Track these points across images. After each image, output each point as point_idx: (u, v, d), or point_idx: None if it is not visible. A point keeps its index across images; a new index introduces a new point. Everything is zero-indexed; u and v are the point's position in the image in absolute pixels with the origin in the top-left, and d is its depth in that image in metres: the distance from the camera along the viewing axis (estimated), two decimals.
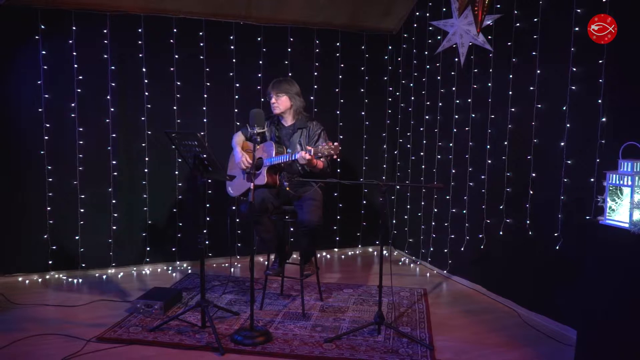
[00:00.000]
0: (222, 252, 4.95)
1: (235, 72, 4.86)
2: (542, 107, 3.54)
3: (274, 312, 3.70)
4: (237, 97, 4.89)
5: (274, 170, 3.68)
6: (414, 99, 5.07)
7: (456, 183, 4.46)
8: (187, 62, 4.72)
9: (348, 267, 5.02)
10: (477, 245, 4.18)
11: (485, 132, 4.07)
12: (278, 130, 3.82)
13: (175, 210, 4.81)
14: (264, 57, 4.94)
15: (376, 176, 5.46)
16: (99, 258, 4.64)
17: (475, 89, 4.19)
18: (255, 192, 3.53)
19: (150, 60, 4.61)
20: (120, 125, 4.58)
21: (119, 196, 4.64)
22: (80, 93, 4.45)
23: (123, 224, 4.67)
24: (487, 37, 4.00)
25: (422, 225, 4.97)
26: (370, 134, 5.42)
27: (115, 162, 4.60)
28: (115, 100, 4.54)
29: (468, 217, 4.32)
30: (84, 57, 4.43)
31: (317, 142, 3.68)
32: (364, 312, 3.74)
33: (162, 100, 4.68)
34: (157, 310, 3.60)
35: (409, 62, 5.11)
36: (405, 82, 5.23)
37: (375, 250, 5.56)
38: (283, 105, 3.73)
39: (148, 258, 4.77)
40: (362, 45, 5.27)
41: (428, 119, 4.86)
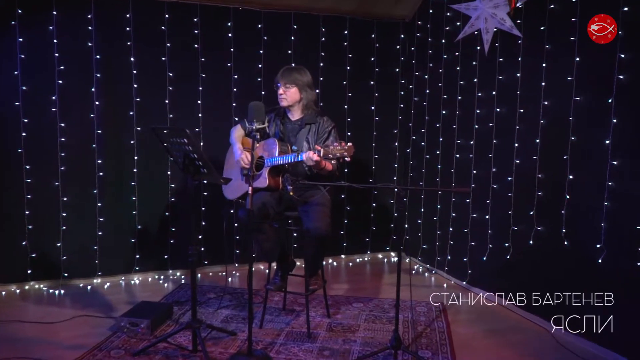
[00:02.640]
0: (219, 260, 4.54)
1: (233, 63, 4.45)
2: (582, 99, 3.11)
3: (275, 332, 3.28)
4: (236, 90, 4.49)
5: (277, 171, 3.25)
6: (429, 92, 4.64)
7: (477, 185, 4.03)
8: (181, 51, 4.31)
9: (357, 277, 4.60)
10: (502, 254, 3.75)
11: (513, 128, 3.64)
12: (283, 124, 3.40)
13: (167, 214, 4.40)
14: (265, 46, 4.53)
15: (387, 177, 5.04)
16: (84, 267, 4.23)
17: (501, 80, 3.76)
18: (255, 196, 3.11)
19: (140, 49, 4.20)
20: (107, 120, 4.17)
21: (105, 199, 4.23)
22: (61, 85, 4.04)
23: (110, 229, 4.27)
24: (516, 21, 3.56)
25: (438, 230, 4.54)
26: (381, 130, 5.00)
27: (100, 161, 4.19)
28: (101, 93, 4.14)
29: (491, 224, 3.89)
30: (66, 45, 4.03)
31: (326, 141, 3.26)
32: (377, 331, 3.32)
33: (153, 93, 4.27)
34: (144, 329, 3.19)
35: (424, 52, 4.68)
36: (419, 74, 4.80)
37: (385, 257, 5.14)
38: (291, 97, 3.31)
39: (137, 267, 4.37)
40: (372, 34, 4.84)
41: (445, 114, 4.43)
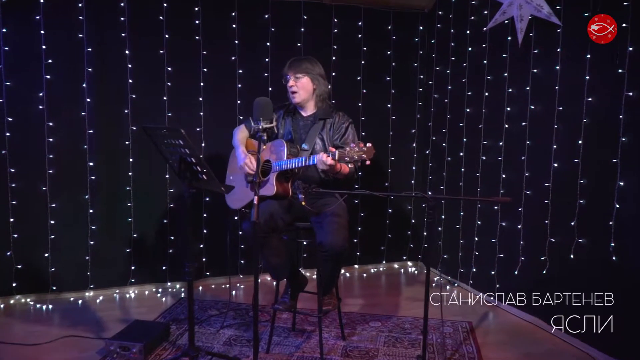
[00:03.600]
0: (222, 271, 4.18)
1: (238, 56, 4.09)
2: (635, 95, 2.71)
3: (284, 357, 2.90)
4: (240, 86, 4.12)
5: (286, 176, 2.87)
6: (452, 89, 4.25)
7: (508, 191, 3.64)
8: (180, 43, 3.96)
9: (372, 290, 4.22)
10: (537, 268, 3.36)
11: (550, 128, 3.24)
12: (294, 121, 3.03)
13: (165, 221, 4.04)
14: (273, 39, 4.16)
15: (404, 180, 4.67)
16: (74, 279, 3.88)
17: (536, 73, 3.37)
18: (262, 205, 2.74)
19: (136, 41, 3.85)
20: (99, 119, 3.82)
21: (98, 205, 3.88)
22: (49, 80, 3.69)
23: (103, 238, 3.91)
24: (555, 7, 3.16)
25: (461, 239, 4.15)
26: (398, 130, 4.62)
27: (92, 163, 3.84)
28: (93, 89, 3.79)
29: (524, 234, 3.50)
30: (54, 37, 3.68)
31: (342, 140, 2.89)
32: (399, 357, 2.94)
33: (150, 90, 3.92)
34: (136, 354, 2.83)
35: (445, 45, 4.29)
36: (439, 69, 4.41)
37: (402, 267, 4.75)
38: (304, 89, 2.94)
39: (133, 279, 4.01)
40: (388, 25, 4.46)
41: (470, 112, 4.04)
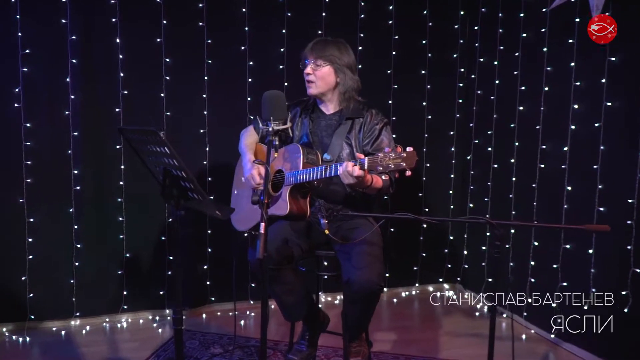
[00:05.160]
0: (229, 296, 3.59)
1: (248, 46, 3.53)
2: None
3: None
4: (251, 80, 3.55)
5: (302, 191, 2.28)
6: (500, 83, 3.61)
7: (574, 207, 3.00)
8: (181, 30, 3.42)
9: (405, 320, 3.60)
10: (615, 305, 2.71)
11: (635, 129, 2.59)
12: (313, 121, 2.45)
13: (163, 238, 3.48)
14: (289, 25, 3.58)
15: (441, 190, 4.06)
16: (57, 306, 3.35)
17: (614, 62, 2.72)
18: (272, 229, 2.15)
19: (128, 28, 3.32)
20: (86, 119, 3.30)
21: (84, 219, 3.36)
22: (27, 74, 3.17)
23: (90, 258, 3.38)
24: None
25: (511, 262, 3.50)
26: (434, 131, 4.00)
27: (77, 171, 3.31)
28: (78, 85, 3.26)
29: (596, 261, 2.85)
30: (32, 22, 3.16)
31: (374, 146, 2.29)
32: None
33: (145, 85, 3.39)
34: None
35: (492, 31, 3.65)
36: (484, 60, 3.78)
37: (438, 290, 4.12)
38: (323, 80, 2.36)
39: (126, 305, 3.46)
40: (423, 10, 3.86)
41: (523, 110, 3.40)
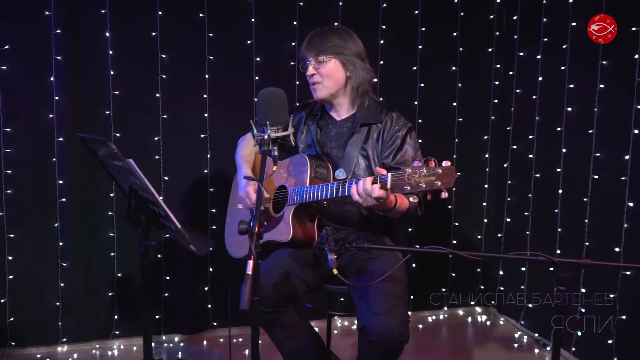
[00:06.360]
0: (234, 319, 3.21)
1: (255, 40, 3.14)
2: None
3: None
4: (258, 78, 3.16)
5: (309, 212, 1.87)
6: (542, 81, 3.14)
7: (633, 225, 2.53)
8: (178, 23, 3.04)
9: (432, 352, 3.16)
10: None
11: None
12: (321, 128, 2.04)
13: (159, 256, 3.11)
14: (301, 16, 3.17)
15: (473, 202, 3.62)
16: (41, 331, 3.01)
17: None
18: (271, 259, 1.74)
19: (119, 21, 2.96)
20: (72, 123, 2.94)
21: (71, 235, 3.00)
22: (6, 72, 2.84)
23: (77, 278, 3.03)
24: None
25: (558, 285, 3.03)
26: (465, 136, 3.55)
27: (62, 181, 2.96)
28: (63, 84, 2.91)
29: None
30: (11, 14, 2.82)
31: (397, 159, 1.86)
32: None
33: (138, 84, 3.03)
34: None
35: (533, 21, 3.19)
36: (524, 54, 3.31)
37: (469, 314, 3.67)
38: (331, 78, 1.96)
39: (117, 330, 3.11)
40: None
41: (572, 112, 2.93)
